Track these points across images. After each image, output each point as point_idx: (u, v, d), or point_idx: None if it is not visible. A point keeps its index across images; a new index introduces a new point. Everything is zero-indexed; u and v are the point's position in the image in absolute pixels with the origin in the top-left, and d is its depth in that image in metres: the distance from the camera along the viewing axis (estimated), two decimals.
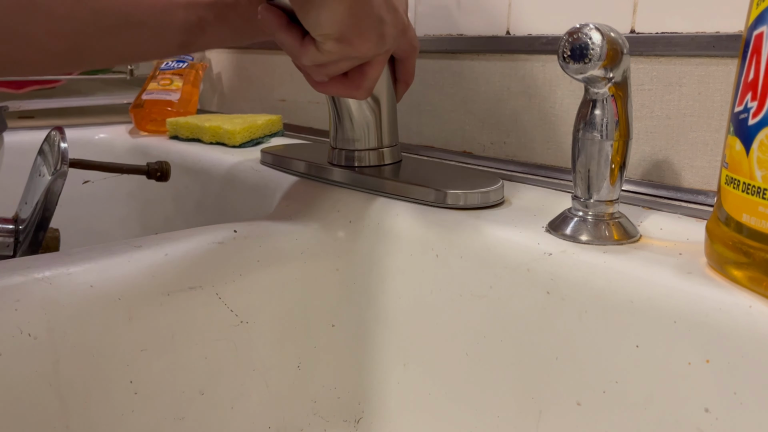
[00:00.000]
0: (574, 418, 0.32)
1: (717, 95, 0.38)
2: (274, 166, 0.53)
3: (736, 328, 0.26)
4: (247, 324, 0.37)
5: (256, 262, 0.38)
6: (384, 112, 0.45)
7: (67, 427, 0.31)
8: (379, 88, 0.44)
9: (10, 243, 0.47)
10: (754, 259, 0.26)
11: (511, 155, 0.50)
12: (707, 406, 0.27)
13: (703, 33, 0.38)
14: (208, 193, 0.60)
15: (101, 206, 0.74)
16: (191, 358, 0.35)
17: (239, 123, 0.66)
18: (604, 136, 0.32)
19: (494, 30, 0.50)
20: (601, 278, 0.31)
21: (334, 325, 0.41)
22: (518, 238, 0.35)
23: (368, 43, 0.36)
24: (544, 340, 0.33)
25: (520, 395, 0.34)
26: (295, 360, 0.40)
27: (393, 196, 0.42)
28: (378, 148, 0.46)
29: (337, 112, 0.45)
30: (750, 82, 0.26)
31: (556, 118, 0.46)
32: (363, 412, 0.41)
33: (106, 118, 0.85)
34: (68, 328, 0.31)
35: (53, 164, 0.45)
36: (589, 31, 0.30)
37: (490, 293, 0.35)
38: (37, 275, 0.31)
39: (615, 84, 0.32)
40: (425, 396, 0.38)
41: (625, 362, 0.30)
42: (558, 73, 0.46)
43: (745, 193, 0.26)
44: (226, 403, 0.37)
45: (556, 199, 0.42)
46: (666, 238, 0.34)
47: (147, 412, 0.33)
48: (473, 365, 0.36)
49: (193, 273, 0.35)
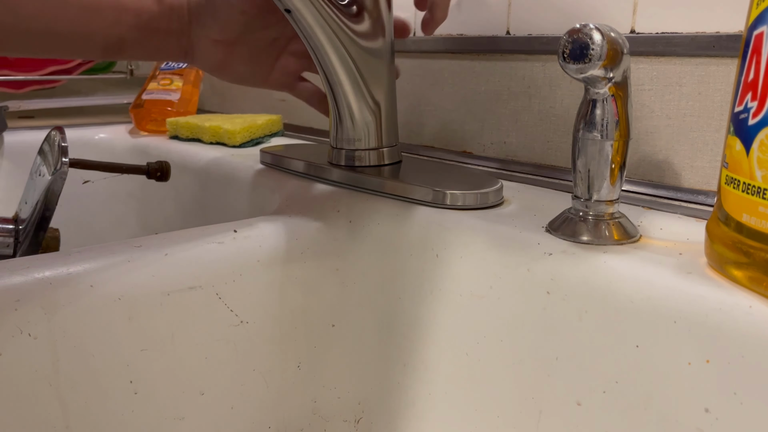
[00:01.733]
0: (574, 418, 0.32)
1: (717, 95, 0.38)
2: (274, 166, 0.53)
3: (736, 328, 0.26)
4: (247, 324, 0.37)
5: (256, 262, 0.38)
6: (384, 112, 0.45)
7: (67, 427, 0.31)
8: (380, 87, 0.44)
9: (10, 243, 0.47)
10: (754, 259, 0.26)
11: (511, 155, 0.50)
12: (707, 406, 0.27)
13: (703, 33, 0.38)
14: (208, 193, 0.60)
15: (101, 206, 0.74)
16: (191, 358, 0.35)
17: (239, 123, 0.66)
18: (604, 136, 0.32)
19: (494, 30, 0.50)
20: (601, 278, 0.31)
21: (334, 325, 0.41)
22: (518, 238, 0.35)
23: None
24: (544, 340, 0.33)
25: (520, 395, 0.34)
26: (295, 360, 0.40)
27: (393, 196, 0.42)
28: (378, 148, 0.46)
29: (337, 111, 0.45)
30: (750, 82, 0.26)
31: (556, 118, 0.46)
32: (363, 412, 0.41)
33: (106, 118, 0.85)
34: (68, 328, 0.31)
35: (53, 164, 0.45)
36: (589, 31, 0.30)
37: (490, 293, 0.35)
38: (37, 275, 0.31)
39: (615, 84, 0.32)
40: (425, 396, 0.38)
41: (625, 362, 0.30)
42: (558, 73, 0.46)
43: (745, 193, 0.26)
44: (226, 403, 0.37)
45: (556, 199, 0.42)
46: (666, 238, 0.34)
47: (147, 412, 0.33)
48: (473, 365, 0.36)
49: (193, 273, 0.35)
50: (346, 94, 0.43)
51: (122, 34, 0.44)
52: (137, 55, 0.47)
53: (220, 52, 0.46)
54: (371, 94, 0.44)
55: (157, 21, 0.45)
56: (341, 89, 0.43)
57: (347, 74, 0.42)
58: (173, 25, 0.45)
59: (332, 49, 0.41)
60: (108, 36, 0.44)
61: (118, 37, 0.44)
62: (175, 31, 0.45)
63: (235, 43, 0.46)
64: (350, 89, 0.43)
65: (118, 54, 0.45)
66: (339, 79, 0.42)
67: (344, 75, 0.42)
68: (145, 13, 0.44)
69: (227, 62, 0.47)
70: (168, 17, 0.45)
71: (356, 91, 0.43)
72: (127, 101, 0.84)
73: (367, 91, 0.44)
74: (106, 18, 0.43)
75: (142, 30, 0.44)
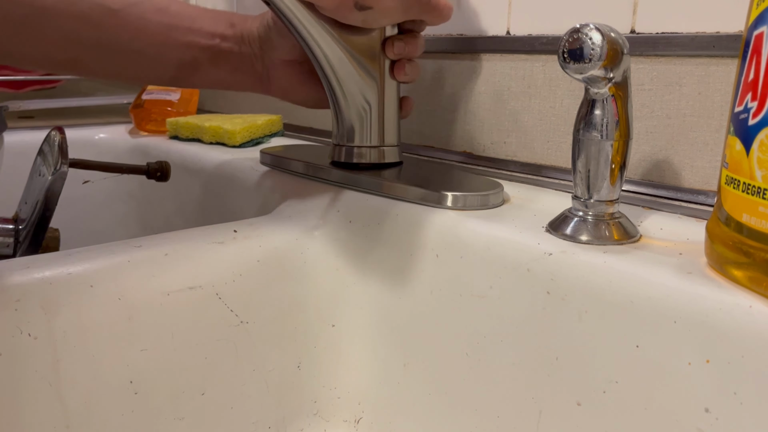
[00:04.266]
0: (574, 418, 0.32)
1: (717, 95, 0.38)
2: (274, 167, 0.53)
3: (736, 328, 0.26)
4: (247, 324, 0.37)
5: (256, 262, 0.38)
6: (386, 110, 0.45)
7: (67, 427, 0.31)
8: (380, 87, 0.44)
9: (10, 243, 0.47)
10: (754, 259, 0.26)
11: (511, 155, 0.50)
12: (707, 406, 0.27)
13: (703, 33, 0.38)
14: (208, 193, 0.60)
15: (101, 206, 0.74)
16: (191, 358, 0.35)
17: (239, 123, 0.66)
18: (604, 136, 0.32)
19: (494, 30, 0.50)
20: (601, 278, 0.31)
21: (334, 325, 0.41)
22: (518, 238, 0.35)
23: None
24: (544, 340, 0.33)
25: (520, 395, 0.34)
26: (295, 360, 0.40)
27: (393, 197, 0.42)
28: (379, 146, 0.46)
29: (338, 109, 0.45)
30: (750, 82, 0.26)
31: (556, 118, 0.46)
32: (363, 412, 0.41)
33: (106, 118, 0.85)
34: (68, 328, 0.31)
35: (53, 164, 0.45)
36: (589, 31, 0.30)
37: (490, 293, 0.35)
38: (37, 275, 0.31)
39: (615, 84, 0.32)
40: (425, 396, 0.38)
41: (625, 362, 0.30)
42: (558, 73, 0.46)
43: (745, 193, 0.26)
44: (226, 403, 0.37)
45: (556, 199, 0.42)
46: (666, 238, 0.34)
47: (147, 412, 0.33)
48: (473, 365, 0.36)
49: (193, 273, 0.35)
50: (345, 93, 0.43)
51: (196, 54, 0.45)
52: (210, 79, 0.47)
53: (292, 74, 0.47)
54: (369, 93, 0.44)
55: (230, 44, 0.46)
56: (341, 88, 0.43)
57: (347, 74, 0.42)
58: (245, 49, 0.46)
59: (330, 49, 0.41)
60: (182, 56, 0.45)
61: (192, 57, 0.45)
62: (249, 56, 0.46)
63: (305, 61, 0.46)
64: (350, 89, 0.43)
65: (192, 75, 0.46)
66: (338, 77, 0.43)
67: (344, 75, 0.42)
68: (218, 36, 0.45)
69: (300, 83, 0.48)
70: (240, 41, 0.46)
71: (356, 91, 0.43)
72: (127, 101, 0.84)
73: (364, 89, 0.44)
74: (181, 37, 0.44)
75: (215, 52, 0.45)
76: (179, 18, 0.44)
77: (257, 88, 0.49)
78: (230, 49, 0.46)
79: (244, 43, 0.46)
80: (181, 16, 0.44)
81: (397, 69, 0.45)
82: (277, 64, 0.47)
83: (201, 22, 0.45)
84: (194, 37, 0.45)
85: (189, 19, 0.45)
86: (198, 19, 0.45)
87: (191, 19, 0.45)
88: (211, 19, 0.46)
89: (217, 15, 0.46)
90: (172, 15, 0.44)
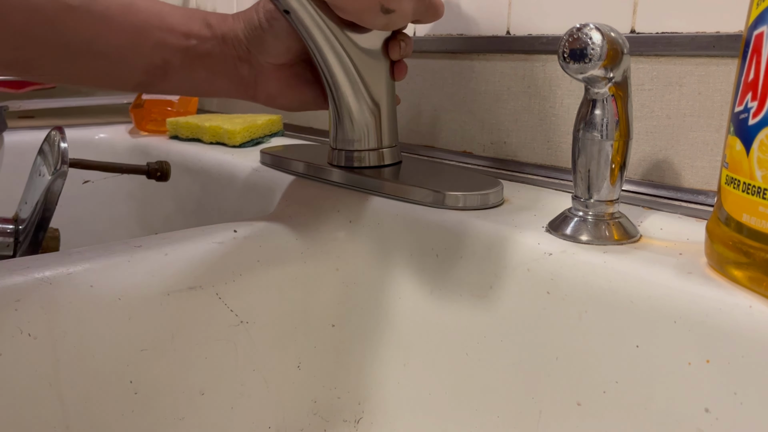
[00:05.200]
0: (574, 418, 0.32)
1: (717, 95, 0.38)
2: (274, 167, 0.53)
3: (736, 328, 0.26)
4: (247, 324, 0.37)
5: (256, 262, 0.38)
6: (384, 112, 0.45)
7: (67, 427, 0.31)
8: (379, 88, 0.44)
9: (10, 243, 0.47)
10: (754, 259, 0.26)
11: (511, 155, 0.50)
12: (707, 406, 0.27)
13: (703, 33, 0.38)
14: (208, 193, 0.60)
15: (101, 206, 0.74)
16: (191, 358, 0.35)
17: (239, 123, 0.66)
18: (605, 136, 0.32)
19: (494, 30, 0.50)
20: (601, 278, 0.31)
21: (334, 325, 0.41)
22: (518, 238, 0.35)
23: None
24: (544, 340, 0.33)
25: (520, 395, 0.34)
26: (295, 360, 0.40)
27: (393, 197, 0.42)
28: (378, 149, 0.46)
29: (337, 112, 0.45)
30: (750, 82, 0.26)
31: (556, 118, 0.46)
32: (363, 412, 0.41)
33: (106, 118, 0.85)
34: (68, 328, 0.31)
35: (53, 164, 0.45)
36: (589, 31, 0.30)
37: (490, 293, 0.35)
38: (37, 275, 0.31)
39: (615, 84, 0.32)
40: (425, 396, 0.38)
41: (625, 362, 0.30)
42: (558, 73, 0.46)
43: (746, 193, 0.26)
44: (226, 403, 0.37)
45: (556, 199, 0.42)
46: (666, 238, 0.34)
47: (147, 412, 0.33)
48: (473, 365, 0.36)
49: (193, 273, 0.35)
50: (345, 95, 0.43)
51: (167, 57, 0.40)
52: (183, 85, 0.42)
53: (281, 77, 0.44)
54: (371, 95, 0.44)
55: (209, 46, 0.41)
56: (340, 90, 0.43)
57: (346, 75, 0.42)
58: (228, 51, 0.42)
59: (330, 50, 0.41)
60: (151, 58, 0.40)
61: (162, 60, 0.40)
62: (232, 59, 0.42)
63: (297, 64, 0.44)
64: (349, 90, 0.43)
65: (162, 80, 0.41)
66: (338, 79, 0.42)
67: (343, 76, 0.42)
68: (194, 37, 0.41)
69: (288, 86, 0.45)
70: (221, 43, 0.42)
71: (355, 92, 0.43)
72: (127, 101, 0.84)
73: (366, 92, 0.44)
74: (150, 38, 0.39)
75: (191, 55, 0.41)
76: (147, 14, 0.39)
77: (239, 94, 0.45)
78: (209, 51, 0.41)
79: (226, 44, 0.42)
80: (150, 13, 0.39)
81: (399, 69, 0.44)
82: (267, 67, 0.43)
83: (171, 19, 0.40)
84: (165, 37, 0.40)
85: (158, 16, 0.40)
86: (168, 16, 0.40)
87: (160, 17, 0.40)
88: (184, 17, 0.41)
89: (190, 13, 0.42)
90: (139, 12, 0.39)
